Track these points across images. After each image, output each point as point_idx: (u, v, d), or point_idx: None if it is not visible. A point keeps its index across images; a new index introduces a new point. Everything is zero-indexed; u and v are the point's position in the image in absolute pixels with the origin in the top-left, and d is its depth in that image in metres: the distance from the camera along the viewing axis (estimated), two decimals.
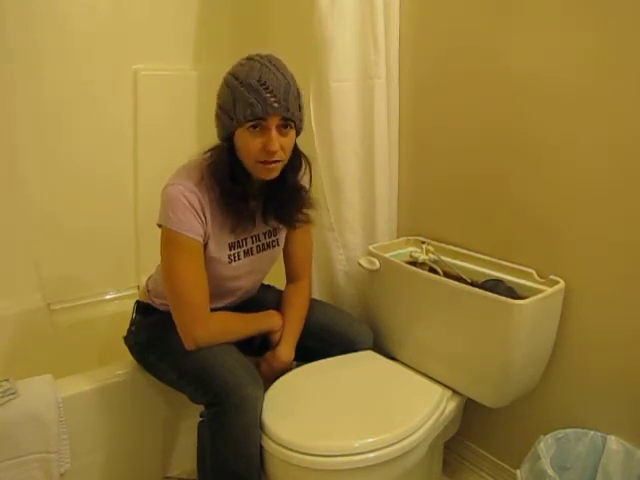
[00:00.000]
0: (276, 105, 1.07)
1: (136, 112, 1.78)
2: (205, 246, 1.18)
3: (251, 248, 1.27)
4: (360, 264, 1.45)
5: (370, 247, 1.48)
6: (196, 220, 1.13)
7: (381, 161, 1.51)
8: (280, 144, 1.10)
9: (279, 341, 1.29)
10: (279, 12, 1.86)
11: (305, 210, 1.26)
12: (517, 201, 1.31)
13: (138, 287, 1.89)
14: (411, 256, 1.50)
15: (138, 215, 1.84)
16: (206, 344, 1.17)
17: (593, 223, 1.18)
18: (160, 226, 1.16)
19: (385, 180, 1.53)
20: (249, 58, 1.12)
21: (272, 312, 1.32)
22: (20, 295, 1.69)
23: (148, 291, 1.35)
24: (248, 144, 1.10)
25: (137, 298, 1.40)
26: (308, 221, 1.29)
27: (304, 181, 1.27)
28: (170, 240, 1.14)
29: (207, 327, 1.18)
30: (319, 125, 1.47)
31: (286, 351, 1.28)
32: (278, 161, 1.12)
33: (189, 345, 1.17)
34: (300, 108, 1.14)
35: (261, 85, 1.06)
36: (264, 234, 1.29)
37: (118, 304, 1.85)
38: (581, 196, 1.19)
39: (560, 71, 1.18)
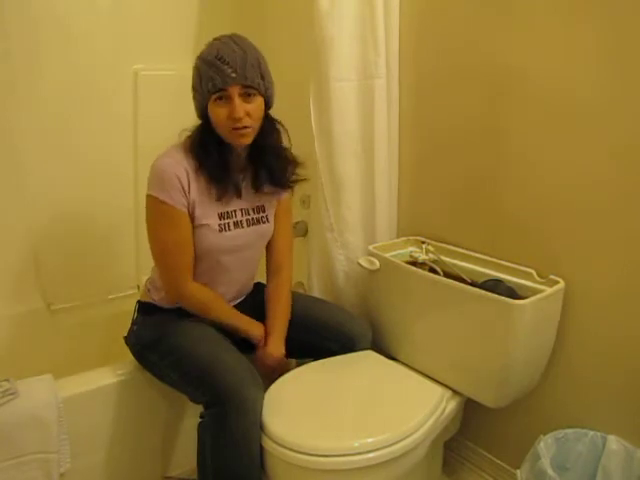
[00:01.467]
0: (234, 75, 1.14)
1: (136, 112, 1.78)
2: (193, 214, 1.22)
3: (240, 221, 1.29)
4: (360, 264, 1.45)
5: (370, 247, 1.48)
6: (179, 192, 1.19)
7: (381, 161, 1.51)
8: (246, 111, 1.16)
9: (267, 338, 1.31)
10: (279, 12, 1.86)
11: (295, 168, 1.32)
12: (517, 201, 1.31)
13: (138, 287, 1.89)
14: (411, 256, 1.50)
15: (138, 215, 1.84)
16: (187, 300, 1.25)
17: (593, 223, 1.18)
18: (147, 196, 1.21)
19: (385, 180, 1.53)
20: (214, 39, 1.21)
21: (259, 324, 1.33)
22: (20, 295, 1.69)
23: (148, 290, 1.35)
24: (217, 115, 1.17)
25: (138, 298, 1.40)
26: (302, 179, 1.34)
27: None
28: (154, 207, 1.20)
29: (189, 283, 1.24)
30: (319, 125, 1.47)
31: (276, 346, 1.30)
32: (247, 127, 1.18)
33: (171, 296, 1.27)
34: (263, 77, 1.19)
35: (218, 59, 1.14)
36: (253, 209, 1.31)
37: (118, 304, 1.84)
38: (582, 196, 1.19)
39: (562, 73, 1.18)
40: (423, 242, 1.51)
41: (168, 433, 1.42)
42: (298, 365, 1.36)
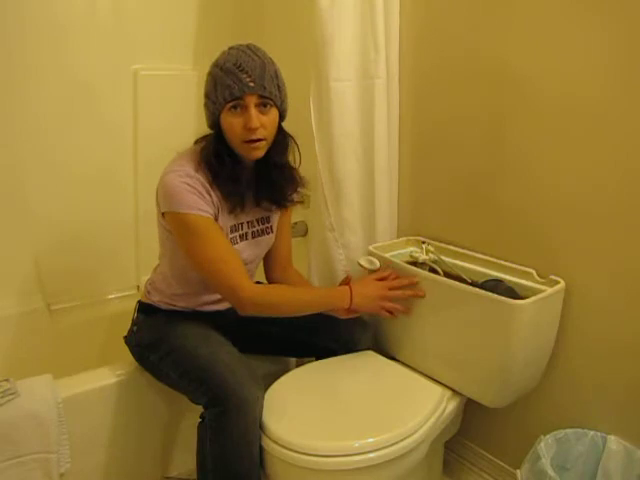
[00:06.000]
0: (252, 85, 1.12)
1: (136, 112, 1.78)
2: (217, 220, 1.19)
3: (246, 233, 1.28)
4: (360, 264, 1.44)
5: (370, 247, 1.48)
6: (202, 199, 1.15)
7: (381, 161, 1.51)
8: (261, 122, 1.14)
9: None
10: (279, 12, 1.86)
11: (297, 189, 1.31)
12: (517, 201, 1.31)
13: (138, 287, 1.89)
14: (411, 256, 1.50)
15: (138, 215, 1.84)
16: (257, 301, 1.16)
17: (593, 223, 1.18)
18: (164, 214, 1.17)
19: (385, 180, 1.53)
20: (230, 47, 1.17)
21: (340, 288, 1.25)
22: (20, 295, 1.69)
23: (148, 292, 1.35)
24: (232, 125, 1.14)
25: (138, 298, 1.40)
26: (300, 201, 1.34)
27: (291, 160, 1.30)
28: (182, 224, 1.15)
29: (250, 286, 1.17)
30: (319, 125, 1.46)
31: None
32: (262, 140, 1.15)
33: (243, 308, 1.16)
34: (279, 89, 1.18)
35: (237, 68, 1.12)
36: (257, 220, 1.31)
37: (118, 304, 1.85)
38: (582, 196, 1.19)
39: (561, 72, 1.18)
40: (423, 242, 1.51)
41: (168, 433, 1.42)
42: (298, 365, 1.36)
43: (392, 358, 1.41)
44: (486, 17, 1.30)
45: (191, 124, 1.85)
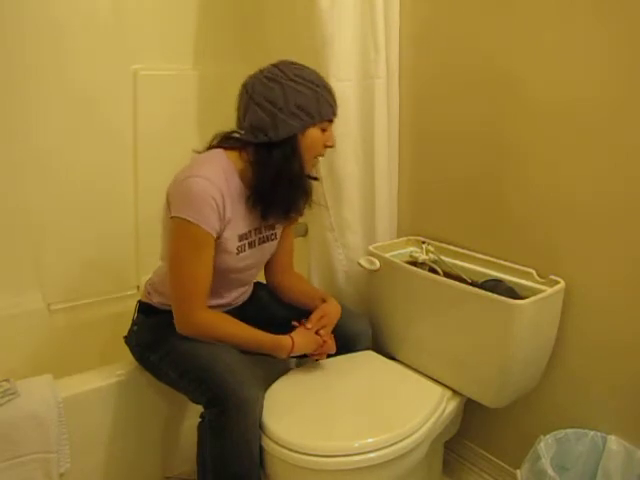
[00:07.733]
0: (336, 109, 1.23)
1: (135, 112, 1.77)
2: (220, 237, 1.19)
3: (254, 240, 1.29)
4: (360, 264, 1.45)
5: (370, 247, 1.48)
6: (215, 215, 1.15)
7: (381, 161, 1.51)
8: None
9: (323, 301, 1.34)
10: (279, 12, 1.85)
11: (307, 202, 1.30)
12: (517, 201, 1.31)
13: (138, 287, 1.89)
14: (411, 256, 1.50)
15: (138, 215, 1.84)
16: (199, 332, 1.19)
17: (593, 223, 1.18)
18: (173, 217, 1.15)
19: (385, 180, 1.53)
20: (293, 63, 1.19)
21: (284, 340, 1.23)
22: (20, 295, 1.69)
23: (148, 293, 1.35)
24: (317, 140, 1.21)
25: (138, 298, 1.39)
26: (301, 214, 1.34)
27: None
28: (185, 232, 1.15)
29: (203, 310, 1.19)
30: None
31: (334, 302, 1.35)
32: None
33: (181, 329, 1.19)
34: None
35: (330, 89, 1.21)
36: (265, 227, 1.31)
37: (118, 304, 1.84)
38: (582, 196, 1.19)
39: (562, 73, 1.18)
40: (423, 242, 1.51)
41: (168, 433, 1.42)
42: (298, 365, 1.36)
43: (392, 358, 1.41)
44: (486, 17, 1.30)
45: (191, 124, 1.86)
